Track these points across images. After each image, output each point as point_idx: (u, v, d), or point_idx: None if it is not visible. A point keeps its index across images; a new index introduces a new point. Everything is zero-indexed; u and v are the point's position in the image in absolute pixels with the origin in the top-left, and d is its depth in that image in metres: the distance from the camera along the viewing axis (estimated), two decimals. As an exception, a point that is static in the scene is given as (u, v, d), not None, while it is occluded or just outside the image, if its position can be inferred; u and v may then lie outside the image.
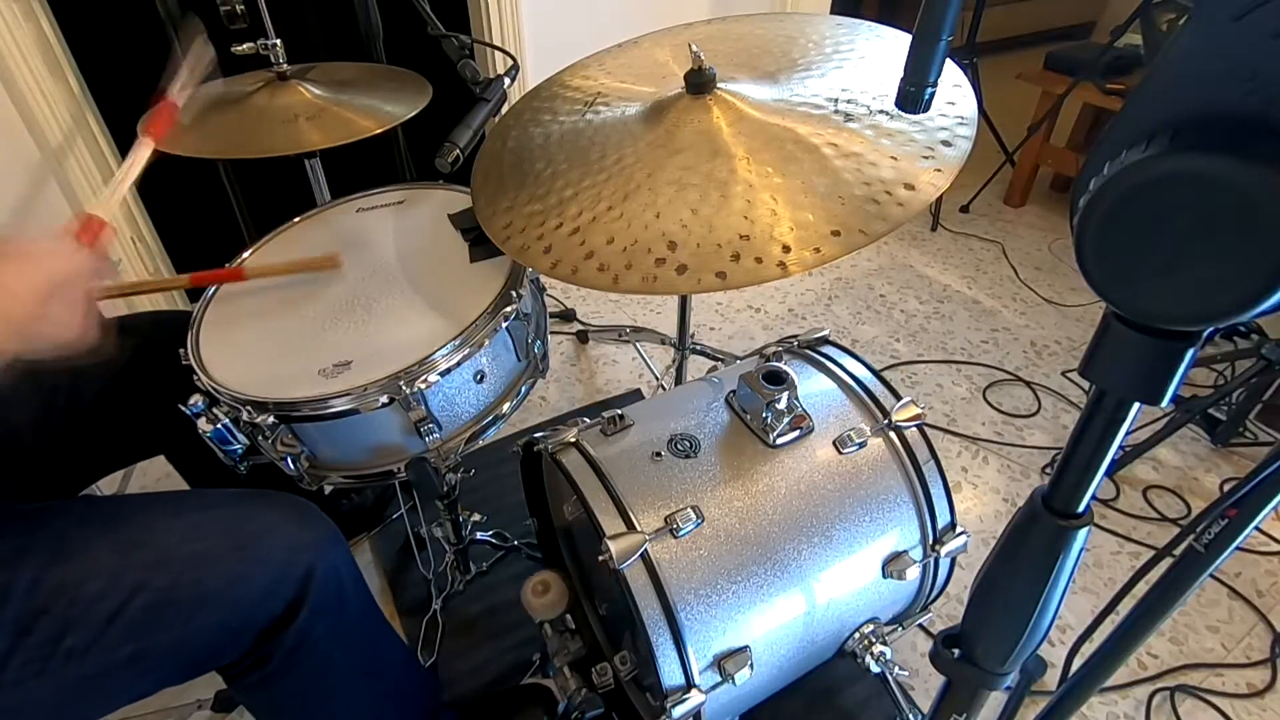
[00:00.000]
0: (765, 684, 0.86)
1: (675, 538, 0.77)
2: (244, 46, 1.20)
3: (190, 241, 1.81)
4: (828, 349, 0.99)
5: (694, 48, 0.89)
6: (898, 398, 0.89)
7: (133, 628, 0.62)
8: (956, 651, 0.56)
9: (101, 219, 0.74)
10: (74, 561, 0.62)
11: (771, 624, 0.80)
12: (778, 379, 0.86)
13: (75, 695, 0.61)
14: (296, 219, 1.10)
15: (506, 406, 0.93)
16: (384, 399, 0.80)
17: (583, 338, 1.86)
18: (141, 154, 0.86)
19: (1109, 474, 0.97)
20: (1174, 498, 1.42)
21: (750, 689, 0.82)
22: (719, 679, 0.77)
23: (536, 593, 0.89)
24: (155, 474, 1.46)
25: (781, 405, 0.84)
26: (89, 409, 0.86)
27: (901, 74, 0.53)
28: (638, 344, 1.81)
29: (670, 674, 0.74)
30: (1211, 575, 0.76)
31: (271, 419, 0.79)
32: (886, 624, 0.92)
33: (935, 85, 0.52)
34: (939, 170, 0.78)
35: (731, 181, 0.81)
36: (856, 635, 0.88)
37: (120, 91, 1.50)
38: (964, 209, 2.42)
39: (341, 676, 0.78)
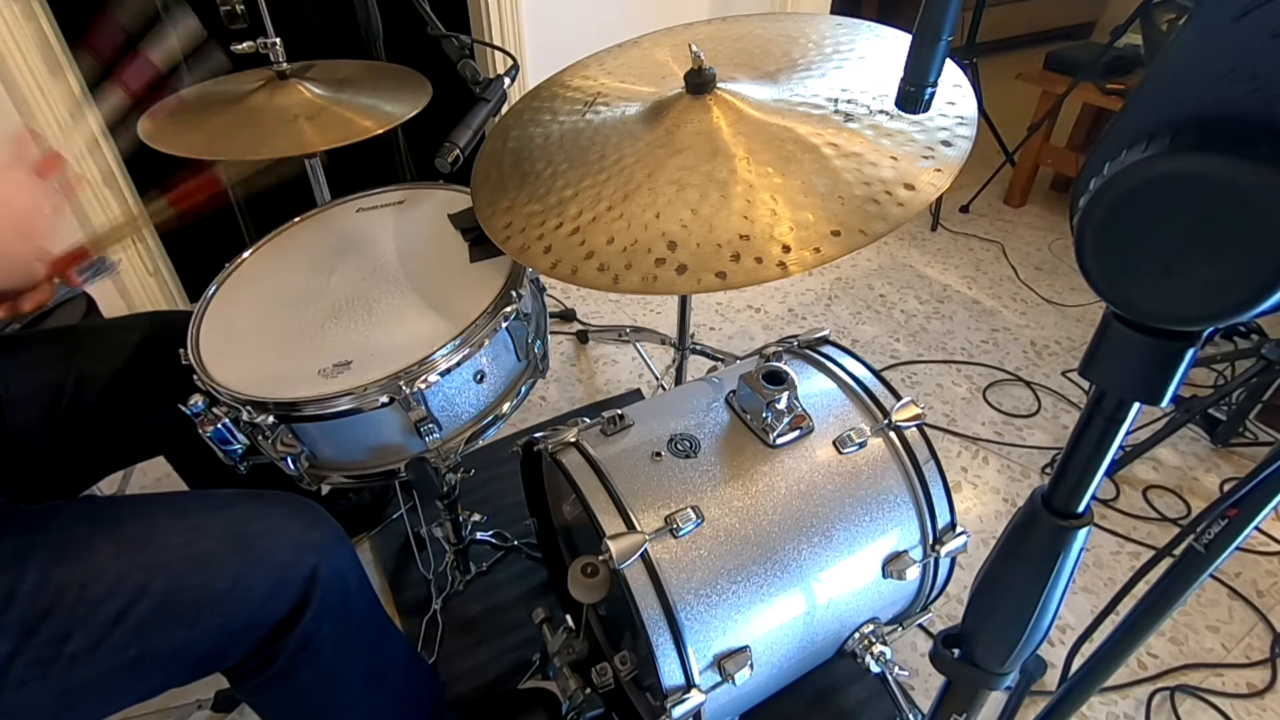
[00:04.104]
0: (765, 684, 0.86)
1: (675, 538, 0.77)
2: (244, 45, 1.19)
3: (190, 241, 1.81)
4: (828, 349, 0.99)
5: (694, 48, 0.89)
6: (898, 398, 0.89)
7: (137, 630, 0.61)
8: (956, 651, 0.56)
9: (60, 156, 0.72)
10: (78, 562, 0.61)
11: (771, 624, 0.80)
12: (778, 379, 0.86)
13: (78, 697, 0.61)
14: (296, 219, 1.10)
15: (506, 406, 0.93)
16: (384, 399, 0.80)
17: (583, 338, 1.86)
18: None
19: (1109, 474, 0.97)
20: (1174, 498, 1.42)
21: (750, 689, 0.82)
22: (719, 679, 0.77)
23: (586, 574, 0.85)
24: (155, 474, 1.46)
25: (781, 405, 0.84)
26: (92, 408, 0.85)
27: (901, 74, 0.53)
28: (638, 344, 1.81)
29: (670, 674, 0.75)
30: (1211, 575, 0.76)
31: (271, 419, 0.79)
32: (886, 624, 0.92)
33: (935, 85, 0.52)
34: (939, 170, 0.78)
35: (731, 181, 0.81)
36: (856, 635, 0.89)
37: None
38: (964, 209, 2.42)
39: (346, 679, 0.77)
